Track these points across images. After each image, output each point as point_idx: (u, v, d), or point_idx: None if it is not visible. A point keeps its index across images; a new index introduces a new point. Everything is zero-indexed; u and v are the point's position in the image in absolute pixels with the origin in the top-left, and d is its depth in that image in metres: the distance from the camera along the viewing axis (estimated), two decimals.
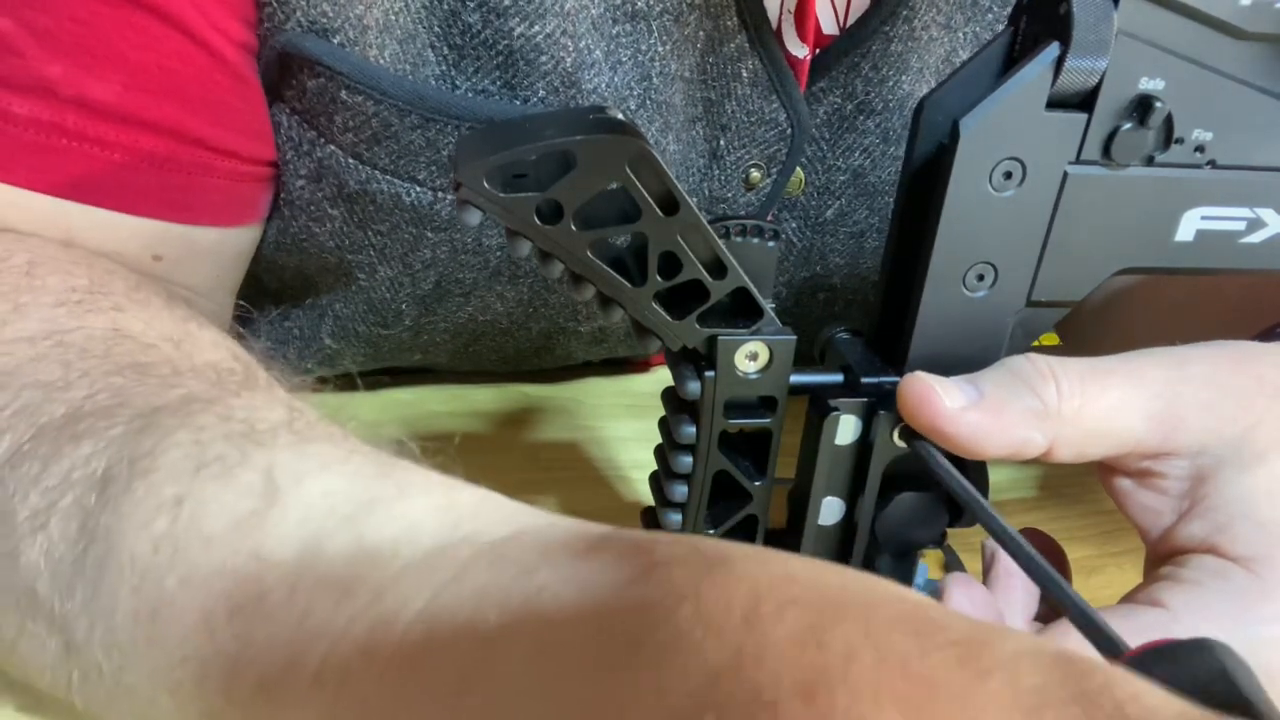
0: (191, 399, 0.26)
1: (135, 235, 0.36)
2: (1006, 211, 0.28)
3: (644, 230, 0.27)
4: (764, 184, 0.44)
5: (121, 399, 0.26)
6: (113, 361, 0.28)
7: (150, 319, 0.31)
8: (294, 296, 0.47)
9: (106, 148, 0.34)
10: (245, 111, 0.38)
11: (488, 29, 0.37)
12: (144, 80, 0.34)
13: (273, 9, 0.36)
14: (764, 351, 0.29)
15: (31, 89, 0.33)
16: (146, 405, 0.25)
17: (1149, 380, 0.28)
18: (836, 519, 0.32)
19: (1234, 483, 0.28)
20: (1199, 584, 0.27)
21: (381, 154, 0.39)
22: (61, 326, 0.29)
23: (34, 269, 0.31)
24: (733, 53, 0.40)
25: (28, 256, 0.31)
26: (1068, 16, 0.26)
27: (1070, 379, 0.28)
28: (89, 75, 0.33)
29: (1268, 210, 0.30)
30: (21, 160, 0.33)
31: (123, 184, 0.35)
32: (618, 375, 0.54)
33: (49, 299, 0.30)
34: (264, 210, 0.41)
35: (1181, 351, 0.29)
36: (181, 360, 0.29)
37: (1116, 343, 0.46)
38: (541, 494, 0.43)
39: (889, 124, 0.44)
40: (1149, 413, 0.28)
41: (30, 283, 0.30)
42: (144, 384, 0.27)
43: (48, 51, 0.32)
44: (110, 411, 0.25)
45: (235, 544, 0.21)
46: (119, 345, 0.29)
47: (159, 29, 0.34)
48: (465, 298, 0.45)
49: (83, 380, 0.27)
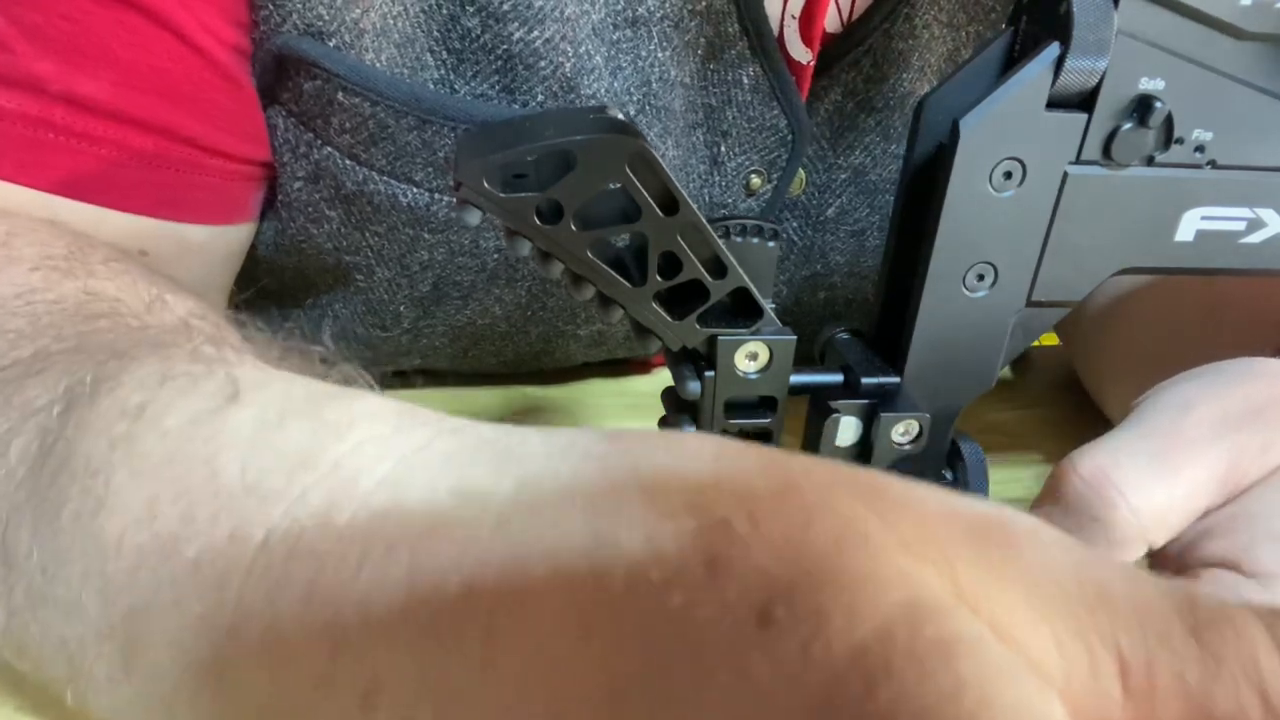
0: (160, 341, 0.25)
1: (122, 231, 0.36)
2: (1006, 211, 0.28)
3: (644, 230, 0.27)
4: (765, 189, 0.44)
5: (89, 342, 0.25)
6: (82, 315, 0.27)
7: (124, 285, 0.30)
8: (294, 298, 0.47)
9: (95, 144, 0.34)
10: (236, 112, 0.38)
11: (487, 34, 0.37)
12: (134, 79, 0.34)
13: (268, 11, 0.36)
14: (764, 351, 0.29)
15: (20, 84, 0.33)
16: (114, 345, 0.25)
17: (1207, 443, 0.27)
18: None
19: (1260, 499, 0.27)
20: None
21: (378, 155, 0.39)
22: (33, 287, 0.28)
23: (11, 239, 0.31)
24: (733, 59, 0.40)
25: (6, 227, 0.31)
26: (1068, 16, 0.26)
27: (1136, 489, 0.26)
28: (79, 72, 0.33)
29: (1268, 210, 0.30)
30: (9, 155, 0.33)
31: (111, 180, 0.35)
32: (618, 376, 0.54)
33: (24, 266, 0.30)
34: (255, 210, 0.41)
35: (1220, 385, 0.28)
36: (152, 318, 0.28)
37: (1118, 347, 0.46)
38: None
39: (890, 122, 0.44)
40: (1219, 478, 0.27)
41: (7, 252, 0.30)
42: (114, 331, 0.26)
43: (37, 48, 0.32)
44: (76, 350, 0.25)
45: (190, 434, 0.20)
46: (91, 304, 0.28)
47: (149, 29, 0.34)
48: (463, 300, 0.45)
49: (49, 330, 0.26)
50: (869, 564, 0.14)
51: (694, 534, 0.14)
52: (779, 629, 0.13)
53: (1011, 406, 0.53)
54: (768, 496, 0.15)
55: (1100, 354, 0.48)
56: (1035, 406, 0.53)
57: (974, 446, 0.32)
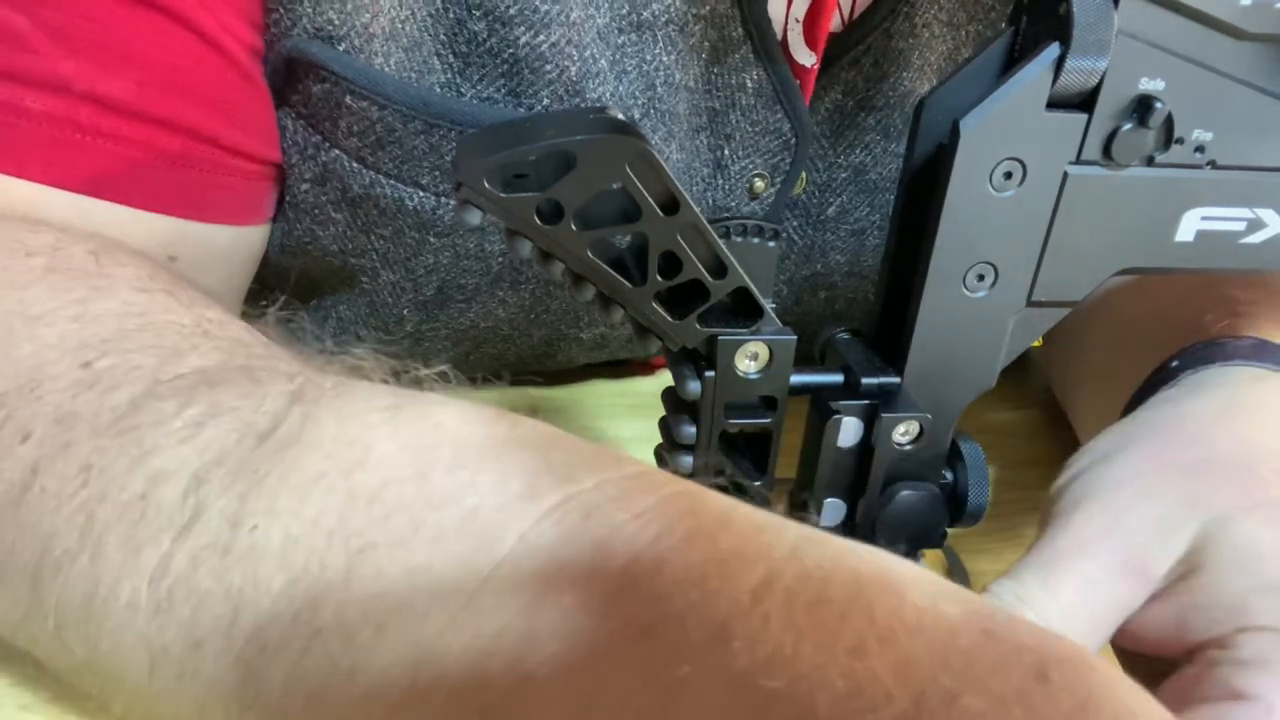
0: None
1: (152, 233, 0.36)
2: (1007, 211, 0.28)
3: (644, 230, 0.27)
4: (768, 193, 0.44)
5: (258, 365, 0.26)
6: (217, 342, 0.28)
7: (230, 319, 0.31)
8: (300, 299, 0.47)
9: (121, 143, 0.34)
10: (254, 112, 0.38)
11: (493, 38, 0.37)
12: (157, 78, 0.34)
13: (279, 15, 0.36)
14: (764, 351, 0.29)
15: (45, 85, 0.33)
16: (287, 370, 0.26)
17: (1099, 539, 0.29)
18: (837, 520, 0.32)
19: (1216, 562, 0.28)
20: (1271, 661, 0.26)
21: (385, 159, 0.39)
22: (148, 308, 0.29)
23: (100, 257, 0.31)
24: (737, 63, 0.41)
25: (89, 245, 0.31)
26: (1068, 16, 0.26)
27: (1039, 607, 0.28)
28: (103, 72, 0.33)
29: (1268, 210, 0.30)
30: (36, 155, 0.33)
31: (139, 180, 0.35)
32: (619, 377, 0.54)
33: (125, 284, 0.30)
34: (271, 210, 0.42)
35: (1118, 463, 0.30)
36: (280, 354, 0.29)
37: (1079, 355, 0.47)
38: None
39: (890, 120, 0.44)
40: (1117, 567, 0.28)
41: (100, 269, 0.30)
42: (268, 360, 0.27)
43: (61, 49, 0.33)
44: (252, 370, 0.25)
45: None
46: (218, 331, 0.29)
47: (171, 29, 0.34)
48: (467, 303, 0.45)
49: (196, 352, 0.27)
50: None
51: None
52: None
53: (1011, 406, 0.53)
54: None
55: (1063, 363, 0.49)
56: (1035, 406, 0.53)
57: (974, 446, 0.32)
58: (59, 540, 0.23)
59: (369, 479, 0.21)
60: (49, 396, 0.25)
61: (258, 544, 0.21)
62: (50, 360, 0.26)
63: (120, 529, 0.23)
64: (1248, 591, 0.27)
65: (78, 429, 0.24)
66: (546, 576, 0.19)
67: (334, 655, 0.20)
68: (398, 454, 0.22)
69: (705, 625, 0.17)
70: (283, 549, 0.21)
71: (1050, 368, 0.53)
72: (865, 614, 0.17)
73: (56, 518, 0.23)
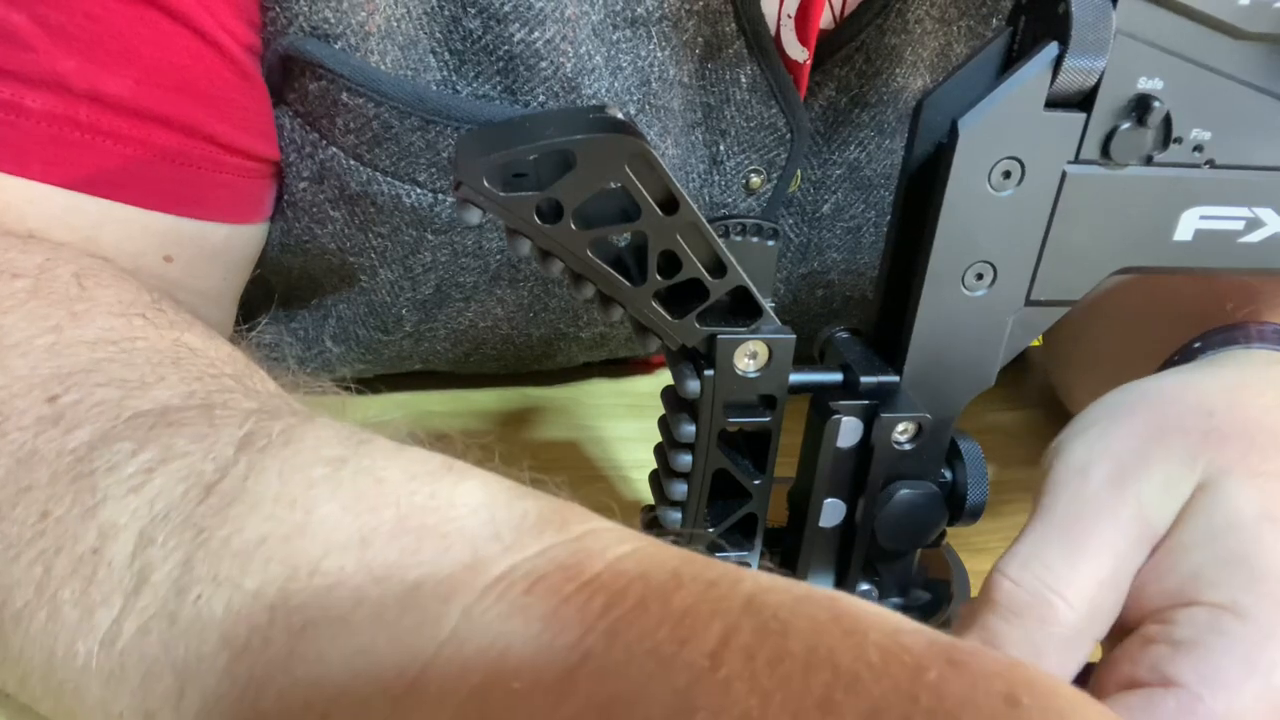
0: (290, 409, 0.26)
1: (149, 232, 0.36)
2: (1005, 211, 0.29)
3: (644, 229, 0.27)
4: (765, 189, 0.44)
5: (218, 401, 0.26)
6: (186, 371, 0.27)
7: (208, 341, 0.30)
8: (300, 299, 0.47)
9: (120, 141, 0.34)
10: (252, 110, 0.38)
11: (488, 35, 0.37)
12: (156, 76, 0.34)
13: (275, 13, 0.36)
14: (763, 350, 0.29)
15: (44, 83, 0.33)
16: (245, 408, 0.25)
17: (1111, 508, 0.28)
18: (837, 520, 0.32)
19: (1189, 529, 0.27)
20: (1201, 645, 0.25)
21: (382, 156, 0.39)
22: (123, 335, 0.28)
23: (83, 279, 0.31)
24: (731, 58, 0.41)
25: (74, 267, 0.31)
26: (1066, 16, 0.26)
27: (1067, 584, 0.27)
28: (102, 70, 0.33)
29: (1266, 210, 0.30)
30: (35, 153, 0.33)
31: (137, 178, 0.35)
32: (619, 376, 0.54)
33: (103, 309, 0.29)
34: (269, 209, 0.42)
35: (1110, 430, 0.29)
36: (249, 385, 0.29)
37: (1079, 348, 0.47)
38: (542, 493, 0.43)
39: (884, 117, 0.44)
40: (1134, 538, 0.27)
41: (82, 293, 0.30)
42: (232, 394, 0.27)
43: (60, 47, 0.32)
44: (210, 408, 0.25)
45: (413, 488, 0.22)
46: (190, 359, 0.28)
47: (169, 26, 0.34)
48: (465, 302, 0.45)
49: (162, 384, 0.26)
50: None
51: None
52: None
53: (1011, 406, 0.53)
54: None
55: (1065, 359, 0.49)
56: (1035, 406, 0.53)
57: (973, 445, 0.32)
58: (19, 592, 0.23)
59: (309, 548, 0.21)
60: (13, 434, 0.25)
61: (202, 614, 0.21)
62: (18, 394, 0.26)
63: (74, 585, 0.22)
64: (1206, 563, 0.26)
65: (37, 472, 0.24)
66: (492, 660, 0.18)
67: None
68: (339, 517, 0.21)
69: (665, 699, 0.17)
70: (225, 623, 0.20)
71: (1051, 365, 0.53)
72: (828, 663, 0.17)
73: (16, 567, 0.23)
